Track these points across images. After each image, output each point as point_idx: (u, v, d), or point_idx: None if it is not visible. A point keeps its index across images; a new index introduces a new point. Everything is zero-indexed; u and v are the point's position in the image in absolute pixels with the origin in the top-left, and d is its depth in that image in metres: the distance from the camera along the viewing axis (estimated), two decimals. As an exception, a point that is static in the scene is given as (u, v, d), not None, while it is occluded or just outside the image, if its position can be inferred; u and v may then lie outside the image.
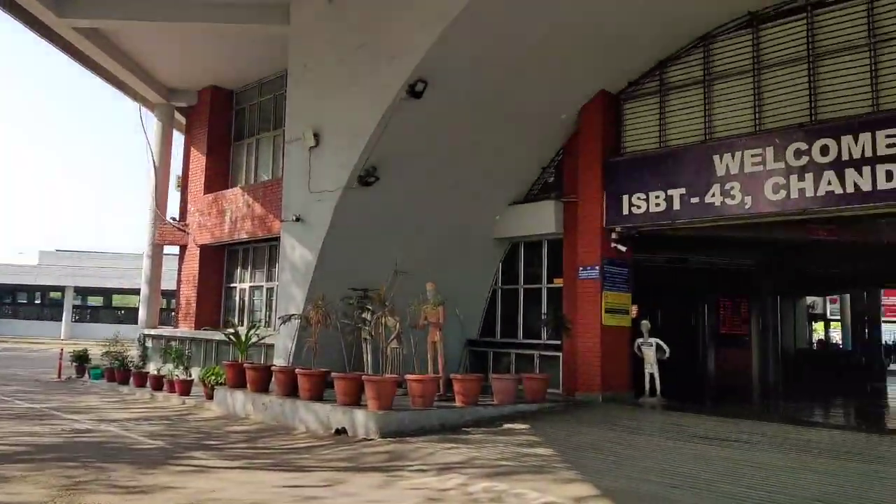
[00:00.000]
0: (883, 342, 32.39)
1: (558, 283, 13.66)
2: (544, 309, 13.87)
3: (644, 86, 12.93)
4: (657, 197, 12.07)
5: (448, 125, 11.95)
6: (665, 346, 12.94)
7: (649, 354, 12.87)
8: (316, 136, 12.24)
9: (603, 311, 12.60)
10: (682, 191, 11.76)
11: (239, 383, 11.80)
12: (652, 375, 12.82)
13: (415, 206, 12.59)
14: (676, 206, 11.84)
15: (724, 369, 25.15)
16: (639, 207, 12.31)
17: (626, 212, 12.49)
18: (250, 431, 9.92)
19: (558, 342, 12.86)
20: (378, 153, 11.54)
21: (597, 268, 12.70)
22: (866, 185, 9.92)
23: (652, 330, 13.19)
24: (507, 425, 9.89)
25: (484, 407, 10.49)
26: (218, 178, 17.88)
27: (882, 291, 26.71)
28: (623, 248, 12.87)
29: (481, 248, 14.39)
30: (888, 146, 9.76)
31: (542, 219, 13.66)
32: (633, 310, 13.78)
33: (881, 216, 13.24)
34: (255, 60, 16.16)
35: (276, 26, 13.52)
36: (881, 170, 9.80)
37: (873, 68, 10.33)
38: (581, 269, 12.92)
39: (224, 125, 18.14)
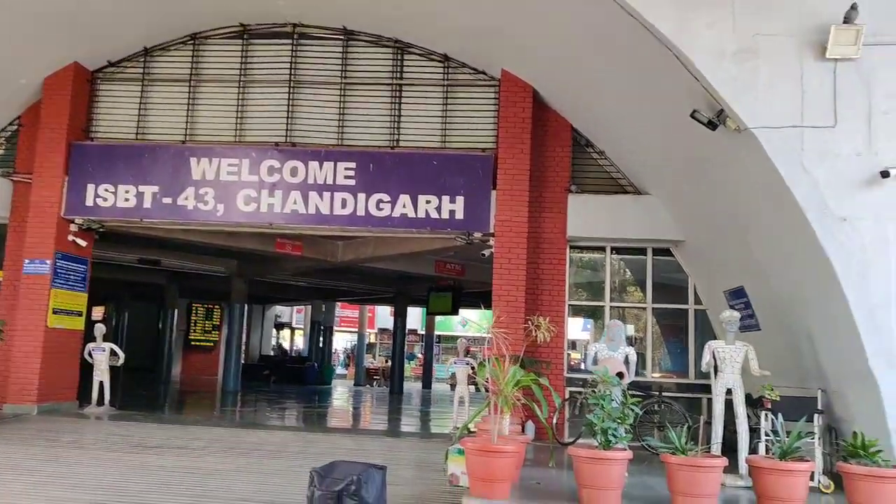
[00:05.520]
0: (335, 349, 37.11)
1: (-2, 276, 11.49)
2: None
3: (126, 70, 11.93)
4: (127, 192, 11.19)
5: None
6: (120, 352, 12.03)
7: (101, 360, 11.76)
8: None
9: (50, 311, 11.02)
10: (156, 189, 11.17)
11: None
12: (101, 383, 11.74)
13: None
14: (148, 203, 11.17)
15: (190, 375, 25.02)
16: (106, 200, 11.21)
17: (90, 203, 11.23)
18: None
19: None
20: None
21: (47, 262, 11.06)
22: (325, 209, 10.96)
23: (113, 333, 12.11)
24: None
25: None
26: None
27: (339, 304, 30.41)
28: (83, 243, 11.53)
29: None
30: (346, 177, 10.98)
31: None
32: (99, 312, 12.49)
33: (337, 238, 15.03)
34: None
35: None
36: (338, 197, 10.96)
37: (341, 106, 11.55)
38: (27, 262, 11.08)
39: None
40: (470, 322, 26.93)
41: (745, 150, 7.45)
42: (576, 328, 12.90)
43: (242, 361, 22.27)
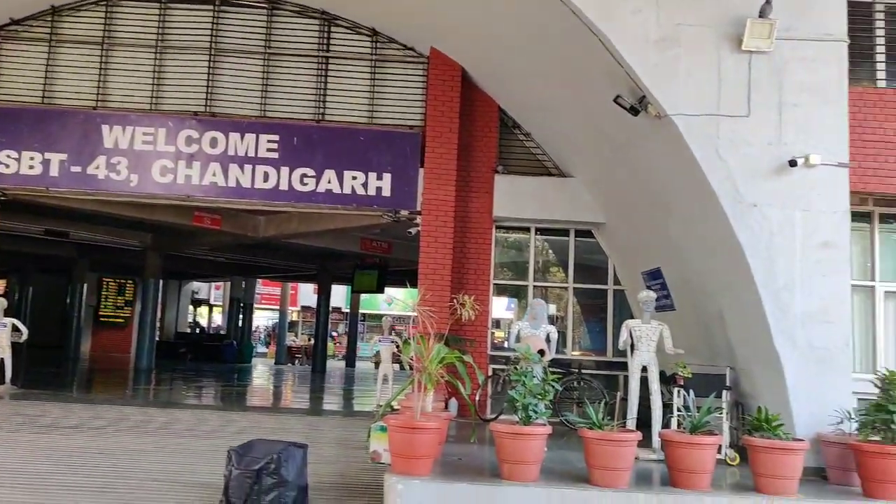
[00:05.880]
0: (255, 327, 36.38)
1: None
2: None
3: (32, 29, 11.16)
4: (32, 158, 10.52)
5: None
6: (23, 327, 11.42)
7: (1, 336, 11.13)
8: None
9: (-56, 285, 10.33)
10: (64, 157, 10.55)
11: None
12: (2, 361, 11.11)
13: None
14: (55, 172, 10.54)
15: (101, 353, 24.04)
16: (8, 167, 10.52)
17: (-10, 169, 10.53)
18: None
19: None
20: None
21: (-59, 232, 10.33)
22: (246, 182, 10.64)
23: (16, 308, 11.46)
24: None
25: None
26: None
27: (260, 280, 29.77)
28: (-17, 213, 10.83)
29: None
30: (268, 150, 10.69)
31: None
32: (0, 285, 11.78)
33: (259, 212, 14.67)
34: None
35: None
36: (260, 170, 10.65)
37: (265, 77, 11.20)
38: (-82, 231, 10.33)
39: None
40: (396, 300, 26.89)
41: (664, 137, 7.68)
42: (500, 307, 13.10)
43: (157, 339, 21.58)
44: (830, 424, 6.87)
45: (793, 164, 7.23)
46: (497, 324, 12.32)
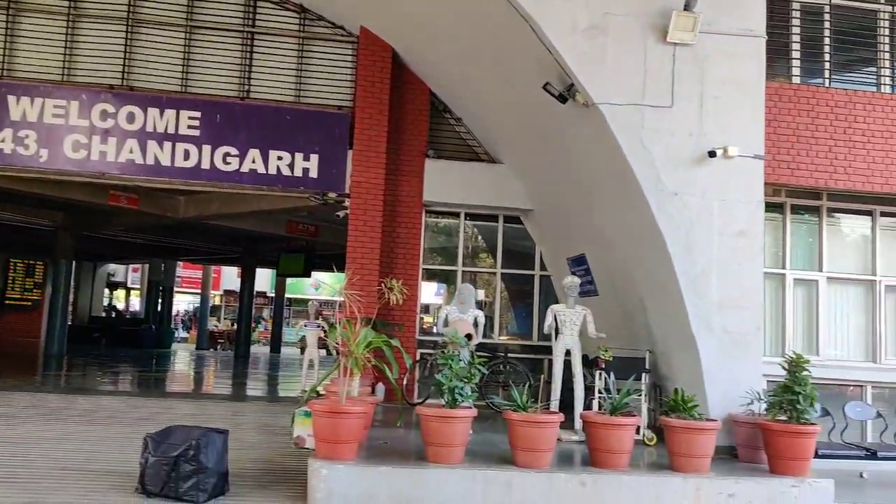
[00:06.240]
0: (176, 311, 35.22)
1: None
2: None
3: (-71, -12, 10.38)
4: (-72, 129, 9.82)
5: None
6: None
7: None
8: None
9: None
10: (-36, 128, 9.88)
11: None
12: None
13: None
14: (-46, 144, 9.86)
15: (7, 337, 22.77)
16: None
17: None
18: None
19: None
20: None
21: None
22: (166, 160, 10.21)
23: None
24: None
25: None
26: None
27: (180, 263, 28.78)
28: None
29: None
30: (189, 127, 10.27)
31: None
32: None
33: (179, 192, 14.14)
34: None
35: None
36: (180, 148, 10.24)
37: (186, 51, 10.77)
38: None
39: None
40: (323, 285, 26.54)
41: (591, 125, 7.80)
42: (430, 292, 13.08)
43: (70, 323, 20.59)
44: (741, 405, 7.20)
45: (712, 154, 7.47)
46: (426, 309, 12.32)
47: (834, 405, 7.80)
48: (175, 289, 28.77)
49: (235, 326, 24.82)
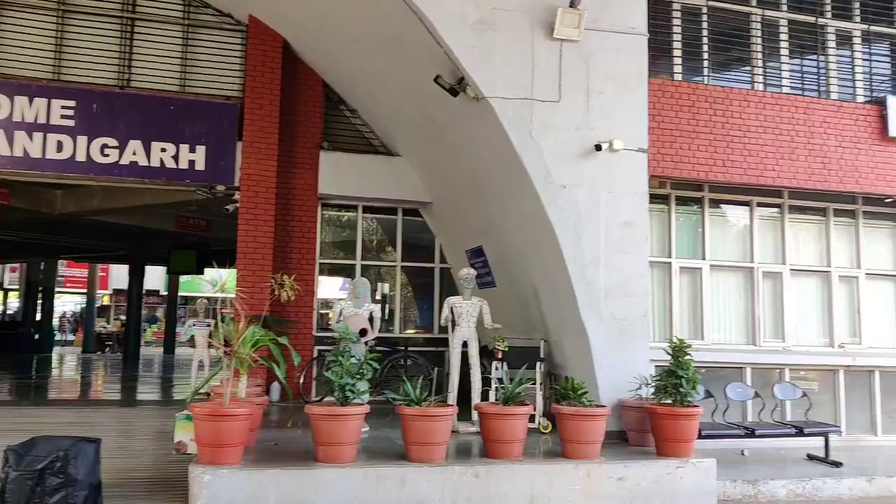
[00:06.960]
0: (63, 313, 33.06)
1: None
2: None
3: None
4: None
5: None
6: None
7: None
8: None
9: None
10: None
11: None
12: None
13: None
14: None
15: None
16: None
17: None
18: None
19: None
20: None
21: None
22: (36, 152, 9.50)
23: None
24: None
25: None
26: None
27: (64, 262, 27.01)
28: None
29: None
30: (63, 117, 9.61)
31: None
32: None
33: (54, 186, 13.22)
34: None
35: None
36: (53, 139, 9.56)
37: (59, 36, 10.05)
38: None
39: None
40: (220, 282, 25.57)
41: (482, 118, 7.83)
42: (333, 287, 12.79)
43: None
44: (630, 391, 7.44)
45: (598, 148, 7.67)
46: (327, 304, 12.07)
47: (718, 387, 8.19)
48: (58, 289, 26.97)
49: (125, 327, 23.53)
